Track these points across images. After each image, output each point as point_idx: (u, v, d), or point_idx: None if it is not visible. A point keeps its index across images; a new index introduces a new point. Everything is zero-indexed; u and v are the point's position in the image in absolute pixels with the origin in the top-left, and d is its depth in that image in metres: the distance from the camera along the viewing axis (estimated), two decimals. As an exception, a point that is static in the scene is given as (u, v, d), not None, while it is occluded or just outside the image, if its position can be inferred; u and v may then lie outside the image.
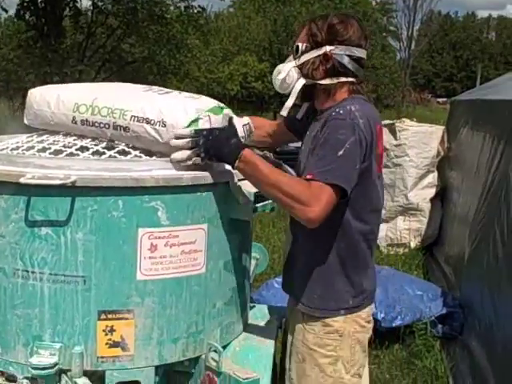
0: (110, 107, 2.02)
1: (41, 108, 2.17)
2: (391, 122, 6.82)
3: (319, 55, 2.07)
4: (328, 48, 2.06)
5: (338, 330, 2.13)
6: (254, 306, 2.58)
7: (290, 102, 2.13)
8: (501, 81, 6.71)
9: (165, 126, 1.97)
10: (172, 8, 15.84)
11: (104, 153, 2.02)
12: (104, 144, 2.06)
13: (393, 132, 6.62)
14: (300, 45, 2.10)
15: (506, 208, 3.61)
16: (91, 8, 15.45)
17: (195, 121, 1.97)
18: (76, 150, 2.04)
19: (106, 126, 2.03)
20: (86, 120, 2.05)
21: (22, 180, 1.77)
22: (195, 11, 15.47)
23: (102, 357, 1.92)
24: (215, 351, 2.01)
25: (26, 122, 2.26)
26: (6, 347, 1.95)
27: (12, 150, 2.12)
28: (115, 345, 1.92)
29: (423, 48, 43.81)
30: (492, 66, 51.30)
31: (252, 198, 2.00)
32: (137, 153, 2.04)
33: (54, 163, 1.89)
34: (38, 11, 13.34)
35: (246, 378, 1.94)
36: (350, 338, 2.15)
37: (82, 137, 2.10)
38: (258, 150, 2.34)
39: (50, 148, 2.07)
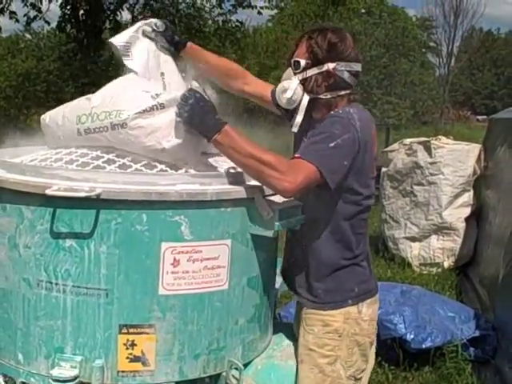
0: (107, 111, 2.05)
1: (52, 129, 2.23)
2: (426, 139, 6.73)
3: (321, 72, 2.15)
4: (330, 65, 2.14)
5: (338, 330, 2.18)
6: (279, 324, 2.55)
7: (299, 119, 2.19)
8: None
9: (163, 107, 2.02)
10: (210, 22, 15.98)
11: (130, 166, 2.03)
12: (130, 157, 2.07)
13: (428, 149, 6.52)
14: (302, 61, 2.17)
15: (543, 230, 3.52)
16: (131, 21, 15.67)
17: None
18: (103, 162, 2.05)
19: (105, 128, 2.05)
20: (88, 128, 2.09)
21: (48, 191, 1.79)
22: (233, 25, 15.58)
23: (123, 371, 1.92)
24: (236, 369, 2.00)
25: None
26: (29, 358, 1.97)
27: (41, 161, 2.15)
28: (136, 359, 1.92)
29: (463, 65, 43.31)
30: (534, 84, 50.44)
31: (277, 215, 1.98)
32: (162, 167, 2.05)
33: (80, 176, 1.91)
34: (79, 24, 13.60)
35: (266, 399, 1.93)
36: (349, 339, 2.19)
37: (108, 151, 2.11)
38: None
39: (77, 160, 2.08)
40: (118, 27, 14.69)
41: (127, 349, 1.91)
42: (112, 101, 2.07)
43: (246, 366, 2.08)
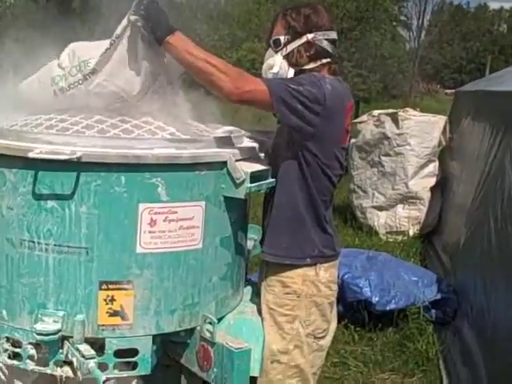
0: (75, 65, 2.15)
1: (29, 95, 2.31)
2: (394, 111, 6.88)
3: (302, 44, 2.27)
4: (309, 36, 2.26)
5: (296, 291, 2.30)
6: (250, 283, 2.67)
7: None
8: (505, 72, 6.75)
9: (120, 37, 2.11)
10: (182, -8, 15.88)
11: (109, 131, 2.11)
12: (109, 123, 2.15)
13: (395, 121, 6.68)
14: (281, 38, 2.27)
15: (501, 198, 3.68)
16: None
17: None
18: (82, 128, 2.13)
19: (79, 81, 2.15)
20: (62, 87, 2.18)
21: (31, 154, 1.86)
22: (205, -4, 15.52)
23: (103, 325, 2.02)
24: (210, 323, 2.11)
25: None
26: (12, 314, 2.05)
27: (21, 126, 2.22)
28: (115, 314, 2.01)
29: (433, 38, 43.54)
30: (502, 59, 50.86)
31: (248, 178, 2.09)
32: (140, 132, 2.14)
33: (60, 140, 1.99)
34: (49, -8, 13.43)
35: (238, 348, 2.06)
36: (307, 300, 2.31)
37: (87, 116, 2.19)
38: None
39: (57, 125, 2.15)
40: (89, -3, 14.52)
41: (107, 304, 2.00)
42: (76, 55, 2.16)
43: (219, 320, 2.18)
